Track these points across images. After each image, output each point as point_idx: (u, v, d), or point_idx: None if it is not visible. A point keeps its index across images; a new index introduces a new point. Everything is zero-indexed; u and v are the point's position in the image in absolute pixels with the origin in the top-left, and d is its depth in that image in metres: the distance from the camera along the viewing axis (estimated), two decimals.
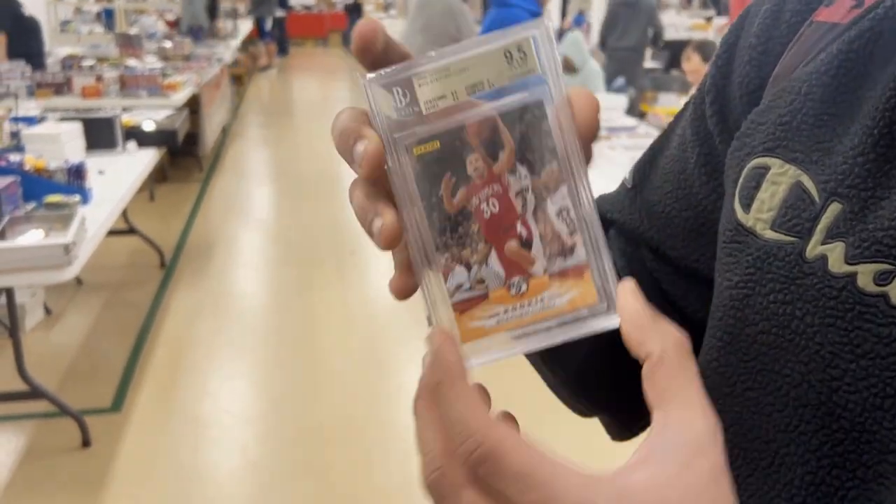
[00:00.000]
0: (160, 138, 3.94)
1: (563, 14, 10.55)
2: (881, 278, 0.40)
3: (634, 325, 0.34)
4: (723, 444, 0.33)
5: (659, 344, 0.34)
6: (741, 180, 0.47)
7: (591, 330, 0.36)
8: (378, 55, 0.37)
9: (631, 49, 6.58)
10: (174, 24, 9.44)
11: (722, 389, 0.46)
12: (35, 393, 2.60)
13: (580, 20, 8.87)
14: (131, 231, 4.19)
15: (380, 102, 0.36)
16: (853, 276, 0.40)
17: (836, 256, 0.41)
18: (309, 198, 5.59)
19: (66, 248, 2.23)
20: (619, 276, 0.36)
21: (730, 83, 0.53)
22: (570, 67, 5.54)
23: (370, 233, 0.37)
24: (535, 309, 0.36)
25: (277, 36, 12.90)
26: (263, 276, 4.29)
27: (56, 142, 3.08)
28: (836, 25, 0.47)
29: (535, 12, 3.79)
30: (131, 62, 5.82)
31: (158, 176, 5.52)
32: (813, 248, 0.42)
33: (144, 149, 3.75)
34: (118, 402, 2.90)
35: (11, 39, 5.23)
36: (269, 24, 12.44)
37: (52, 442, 2.64)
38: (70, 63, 5.51)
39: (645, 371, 0.34)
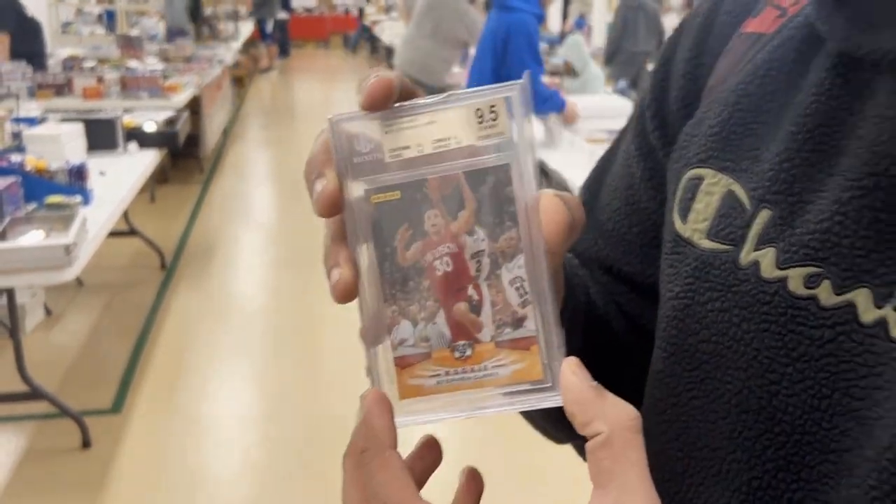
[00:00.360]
0: (161, 139, 3.94)
1: (564, 17, 10.57)
2: (810, 281, 0.40)
3: (579, 405, 0.33)
4: None
5: (605, 424, 0.32)
6: (679, 192, 0.49)
7: (532, 405, 0.35)
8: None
9: (646, 53, 6.58)
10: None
11: (669, 400, 0.46)
12: (35, 394, 2.60)
13: (581, 23, 8.88)
14: (132, 232, 4.18)
15: (343, 145, 0.35)
16: (784, 280, 0.41)
17: (767, 262, 0.42)
18: (309, 200, 5.58)
19: (67, 249, 2.23)
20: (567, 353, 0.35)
21: (668, 97, 0.54)
22: (570, 71, 5.54)
23: (329, 279, 0.37)
24: (477, 375, 0.35)
25: (279, 38, 12.91)
26: (264, 278, 4.29)
27: (57, 142, 3.07)
28: (763, 35, 0.48)
29: (538, 14, 3.78)
30: (132, 63, 5.82)
31: (159, 177, 5.52)
32: (746, 255, 0.43)
33: (145, 150, 3.75)
34: (118, 403, 2.90)
35: (14, 40, 5.23)
36: (270, 26, 12.45)
37: (53, 443, 2.64)
38: (71, 64, 5.52)
39: (589, 448, 0.33)
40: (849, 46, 0.41)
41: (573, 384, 0.34)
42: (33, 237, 2.37)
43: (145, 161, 3.61)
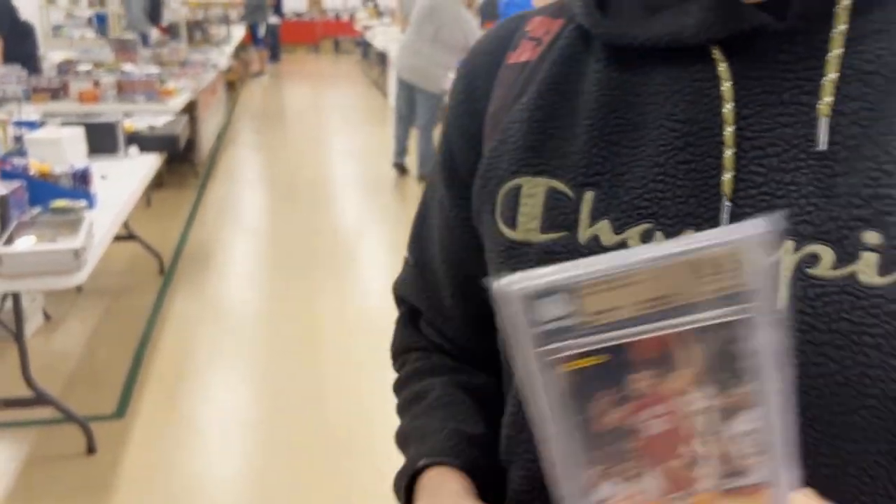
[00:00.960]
0: (161, 143, 3.92)
1: None
2: (645, 237, 0.48)
3: None
4: None
5: None
6: (498, 206, 0.55)
7: None
8: None
9: None
10: (167, 30, 9.40)
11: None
12: (40, 399, 2.58)
13: None
14: (130, 237, 4.16)
15: (520, 314, 0.31)
16: (624, 243, 0.49)
17: (605, 232, 0.49)
18: (304, 203, 5.58)
19: (76, 254, 2.22)
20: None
21: (457, 137, 0.61)
22: None
23: None
24: None
25: (270, 42, 12.88)
26: (261, 282, 4.28)
27: (59, 146, 3.05)
28: (528, 63, 0.57)
29: None
30: (128, 67, 5.79)
31: (155, 182, 5.49)
32: (584, 233, 0.50)
33: (146, 153, 3.74)
34: (122, 408, 2.88)
35: (7, 44, 5.20)
36: (262, 31, 12.42)
37: (57, 448, 2.62)
38: (66, 68, 5.49)
39: None
40: (626, 40, 0.51)
41: None
42: (41, 242, 2.35)
43: (146, 165, 3.60)
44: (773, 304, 0.31)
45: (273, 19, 12.77)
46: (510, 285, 0.31)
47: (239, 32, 11.30)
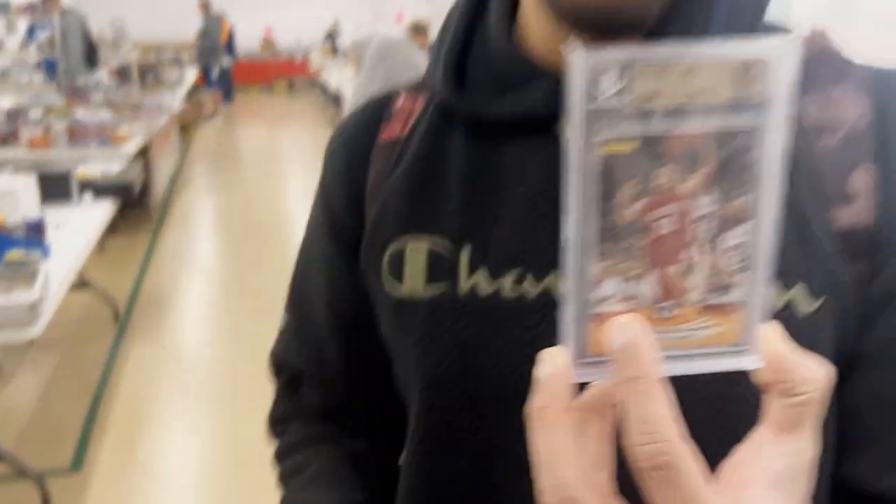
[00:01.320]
0: (116, 190, 3.92)
1: None
2: (518, 280, 0.55)
3: (781, 370, 0.34)
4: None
5: (809, 388, 0.33)
6: (384, 266, 0.61)
7: (727, 366, 0.35)
8: None
9: None
10: (119, 74, 9.34)
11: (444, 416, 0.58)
12: None
13: None
14: (84, 284, 4.11)
15: (582, 82, 0.31)
16: (500, 289, 0.55)
17: (482, 281, 0.56)
18: (259, 244, 5.57)
19: (32, 307, 2.20)
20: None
21: (341, 203, 0.67)
22: None
23: None
24: (674, 336, 0.34)
25: (223, 84, 12.87)
26: (219, 325, 4.25)
27: (12, 197, 3.03)
28: (400, 138, 0.64)
29: None
30: (80, 112, 5.75)
31: (108, 227, 5.43)
32: (464, 285, 0.56)
33: (100, 200, 3.71)
34: (78, 460, 2.83)
35: None
36: (215, 73, 12.41)
37: None
38: (15, 113, 5.43)
39: (787, 404, 0.34)
40: (482, 115, 0.58)
41: (778, 350, 0.34)
42: None
43: (100, 212, 3.58)
44: (785, 118, 0.32)
45: (226, 61, 12.76)
46: (581, 51, 0.32)
47: (192, 75, 11.27)
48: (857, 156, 0.52)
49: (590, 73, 0.31)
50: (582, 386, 0.35)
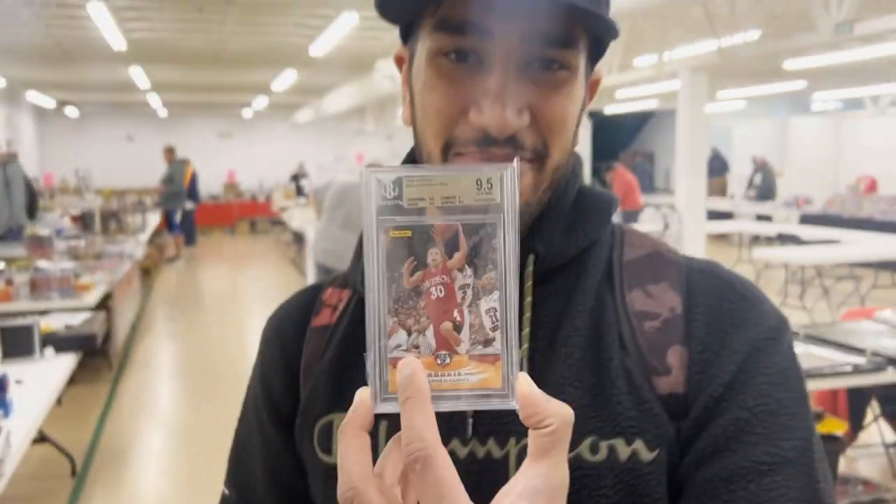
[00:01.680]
0: (78, 343, 3.92)
1: None
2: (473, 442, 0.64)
3: (532, 407, 0.44)
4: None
5: (553, 420, 0.44)
6: (315, 438, 0.72)
7: (492, 406, 0.45)
8: None
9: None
10: (78, 220, 9.42)
11: None
12: None
13: None
14: (42, 439, 4.03)
15: (372, 190, 0.45)
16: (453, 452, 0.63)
17: None
18: (222, 391, 5.52)
19: None
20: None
21: (278, 382, 0.77)
22: None
23: None
24: (451, 379, 0.45)
25: (186, 227, 13.02)
26: (179, 477, 4.16)
27: None
28: (328, 326, 0.74)
29: None
30: (42, 263, 5.79)
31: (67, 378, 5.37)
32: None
33: (62, 354, 3.72)
34: None
35: None
36: (178, 217, 12.58)
37: None
38: None
39: (536, 434, 0.44)
40: None
41: (528, 392, 0.44)
42: None
43: (62, 366, 3.57)
44: (515, 216, 0.45)
45: (189, 205, 12.98)
46: (369, 168, 0.45)
47: (154, 219, 11.41)
48: (672, 337, 0.66)
49: (376, 184, 0.45)
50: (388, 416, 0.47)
